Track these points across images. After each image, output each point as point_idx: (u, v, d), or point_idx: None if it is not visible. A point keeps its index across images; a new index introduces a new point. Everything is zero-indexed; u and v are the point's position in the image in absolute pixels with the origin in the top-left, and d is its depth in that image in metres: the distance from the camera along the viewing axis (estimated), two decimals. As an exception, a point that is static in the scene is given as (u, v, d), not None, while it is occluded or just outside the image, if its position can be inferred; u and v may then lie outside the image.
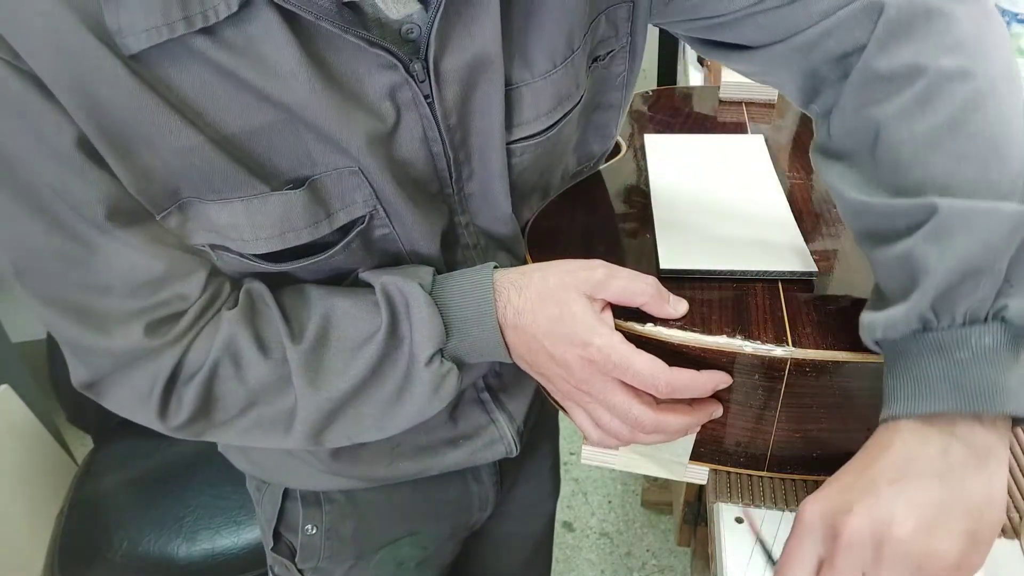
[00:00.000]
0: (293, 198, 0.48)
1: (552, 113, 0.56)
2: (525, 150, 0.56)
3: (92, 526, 1.15)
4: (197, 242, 0.50)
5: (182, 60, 0.43)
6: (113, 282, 0.48)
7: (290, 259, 0.51)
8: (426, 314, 0.51)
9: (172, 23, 0.41)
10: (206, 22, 0.41)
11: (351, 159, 0.48)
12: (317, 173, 0.48)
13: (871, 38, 0.48)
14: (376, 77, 0.47)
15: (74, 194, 0.44)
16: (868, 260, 0.48)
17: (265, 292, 0.53)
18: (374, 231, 0.53)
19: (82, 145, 0.43)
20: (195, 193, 0.47)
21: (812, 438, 0.54)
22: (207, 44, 0.42)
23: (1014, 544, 0.51)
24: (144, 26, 0.41)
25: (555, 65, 0.54)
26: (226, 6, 0.41)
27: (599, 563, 1.67)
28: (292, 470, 0.68)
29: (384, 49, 0.45)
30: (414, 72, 0.48)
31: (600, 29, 0.58)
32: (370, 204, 0.51)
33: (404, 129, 0.50)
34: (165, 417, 0.52)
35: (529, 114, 0.55)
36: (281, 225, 0.49)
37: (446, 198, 0.55)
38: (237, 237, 0.49)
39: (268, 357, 0.52)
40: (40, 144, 0.43)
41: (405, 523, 0.74)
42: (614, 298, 0.52)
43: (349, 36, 0.44)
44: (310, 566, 0.73)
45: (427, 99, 0.49)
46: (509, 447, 0.69)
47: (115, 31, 0.41)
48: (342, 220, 0.51)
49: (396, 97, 0.48)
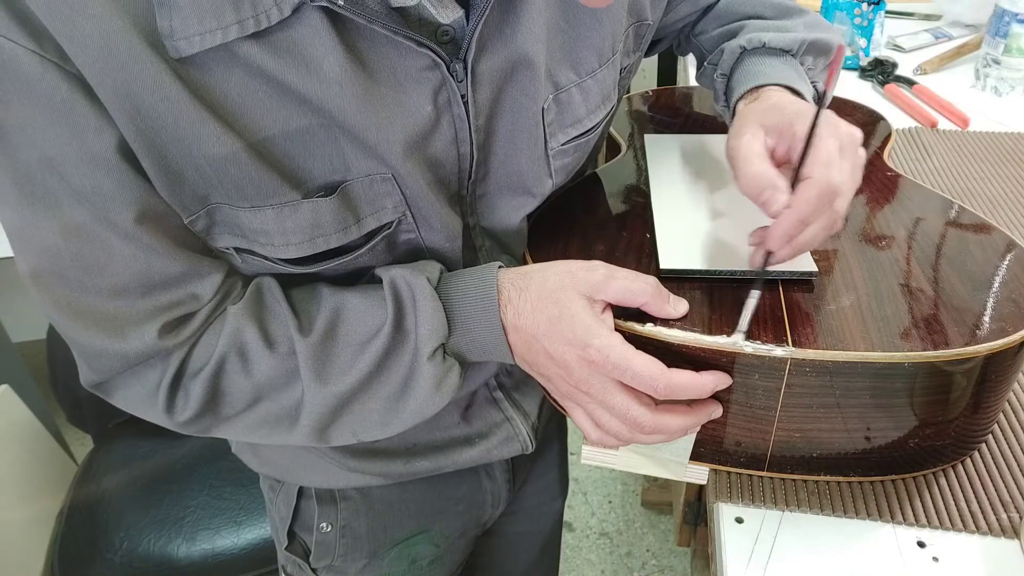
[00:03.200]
0: (323, 205, 0.49)
1: (599, 110, 0.60)
2: (576, 148, 0.59)
3: (92, 526, 1.14)
4: (221, 245, 0.50)
5: (227, 64, 0.43)
6: (129, 283, 0.48)
7: (315, 262, 0.52)
8: (430, 308, 0.52)
9: (226, 28, 0.41)
10: (258, 27, 0.42)
11: (385, 165, 0.49)
12: (350, 179, 0.49)
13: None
14: (419, 79, 0.48)
15: (106, 197, 0.44)
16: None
17: (274, 286, 0.53)
18: (400, 235, 0.54)
19: (121, 149, 0.43)
20: (225, 199, 0.47)
21: (812, 438, 0.54)
22: (254, 48, 0.43)
23: (1014, 544, 0.51)
24: (197, 30, 0.41)
25: (600, 65, 0.58)
26: (278, 11, 0.42)
27: (599, 563, 1.67)
28: (309, 468, 0.69)
29: (430, 50, 0.46)
30: (454, 72, 0.49)
31: (628, 41, 0.62)
32: (399, 210, 0.52)
33: (440, 131, 0.51)
34: (172, 412, 0.53)
35: (581, 111, 0.58)
36: (311, 231, 0.49)
37: (460, 200, 0.56)
38: (267, 242, 0.49)
39: (274, 351, 0.52)
40: (81, 146, 0.43)
41: (419, 520, 0.75)
42: (614, 299, 0.52)
43: (399, 38, 0.45)
44: (324, 564, 0.73)
45: (463, 99, 0.50)
46: (525, 444, 0.70)
47: (167, 34, 0.41)
48: (371, 225, 0.51)
49: (437, 99, 0.49)
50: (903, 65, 1.21)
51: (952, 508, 0.54)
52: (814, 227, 0.52)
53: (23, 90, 0.41)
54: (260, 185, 0.47)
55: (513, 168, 0.57)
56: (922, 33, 1.33)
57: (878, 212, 0.65)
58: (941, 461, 0.56)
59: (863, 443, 0.54)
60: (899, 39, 1.31)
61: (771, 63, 0.65)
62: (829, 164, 0.51)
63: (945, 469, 0.57)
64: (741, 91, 0.64)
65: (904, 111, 1.10)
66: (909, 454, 0.54)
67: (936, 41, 1.32)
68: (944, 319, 0.52)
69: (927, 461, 0.56)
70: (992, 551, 0.51)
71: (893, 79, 1.17)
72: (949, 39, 1.32)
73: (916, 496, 0.55)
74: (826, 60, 0.69)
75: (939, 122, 1.06)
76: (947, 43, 1.31)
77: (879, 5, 1.21)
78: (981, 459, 0.57)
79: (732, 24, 0.72)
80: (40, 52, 0.40)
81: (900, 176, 0.71)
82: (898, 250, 0.60)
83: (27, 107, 0.42)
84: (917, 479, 0.56)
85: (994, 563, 0.51)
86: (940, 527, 0.53)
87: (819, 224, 0.52)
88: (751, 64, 0.66)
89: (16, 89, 0.41)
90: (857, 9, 1.21)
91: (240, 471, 1.19)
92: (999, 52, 1.13)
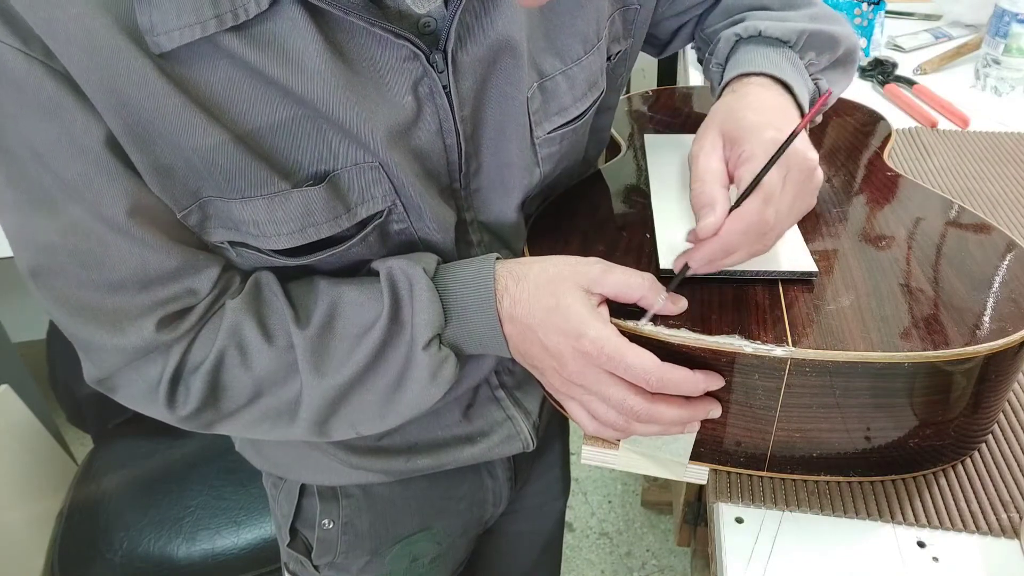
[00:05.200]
0: (313, 194, 0.49)
1: (585, 97, 0.59)
2: (563, 137, 0.59)
3: (92, 526, 1.14)
4: (216, 239, 0.50)
5: (210, 57, 0.44)
6: (126, 279, 0.48)
7: (308, 253, 0.52)
8: (426, 298, 0.52)
9: (204, 21, 0.42)
10: (236, 20, 0.42)
11: (371, 154, 0.49)
12: (338, 168, 0.49)
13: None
14: (399, 70, 0.48)
15: (97, 192, 0.45)
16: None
17: (272, 280, 0.53)
18: (392, 225, 0.54)
19: (110, 144, 0.44)
20: (216, 192, 0.48)
21: (812, 438, 0.54)
22: (235, 41, 0.43)
23: (1014, 544, 0.51)
24: (176, 24, 0.42)
25: (585, 51, 0.57)
26: (256, 4, 0.42)
27: (599, 563, 1.67)
28: (311, 465, 0.69)
29: (409, 41, 0.46)
30: (434, 62, 0.49)
31: (615, 26, 0.62)
32: (389, 199, 0.52)
33: (423, 122, 0.51)
34: (173, 407, 0.53)
35: (567, 99, 0.58)
36: (302, 220, 0.50)
37: (454, 193, 0.56)
38: (259, 233, 0.50)
39: (273, 344, 0.52)
40: (70, 142, 0.43)
41: (421, 518, 0.75)
42: (611, 292, 0.52)
43: (376, 29, 0.45)
44: (326, 561, 0.73)
45: (445, 89, 0.50)
46: (526, 442, 0.70)
47: (147, 29, 0.41)
48: (361, 215, 0.52)
49: (418, 90, 0.49)
50: (903, 65, 1.21)
51: (952, 508, 0.54)
52: (737, 255, 0.53)
53: (11, 88, 0.42)
54: (249, 175, 0.47)
55: (504, 160, 0.56)
56: (922, 33, 1.33)
57: (878, 212, 0.65)
58: (941, 461, 0.56)
59: (863, 443, 0.54)
60: (899, 39, 1.31)
61: (764, 52, 0.62)
62: (768, 199, 0.51)
63: (945, 469, 0.57)
64: (727, 79, 0.63)
65: (904, 111, 1.10)
66: (909, 454, 0.54)
67: (936, 41, 1.32)
68: (944, 319, 0.52)
69: (927, 461, 0.56)
70: (992, 551, 0.51)
71: (893, 79, 1.17)
72: (949, 39, 1.32)
73: (916, 496, 0.55)
74: (831, 55, 0.66)
75: (939, 122, 1.06)
76: (947, 43, 1.31)
77: (879, 5, 1.21)
78: (981, 459, 0.57)
79: (736, 16, 0.70)
80: (26, 51, 0.41)
81: (900, 176, 0.71)
82: (898, 250, 0.60)
83: (15, 105, 0.42)
84: (917, 479, 0.56)
85: (994, 563, 0.51)
86: (940, 527, 0.53)
87: (743, 253, 0.53)
88: (744, 53, 0.64)
89: (4, 88, 0.42)
90: (857, 9, 1.21)
91: (240, 470, 1.19)
92: (999, 52, 1.13)
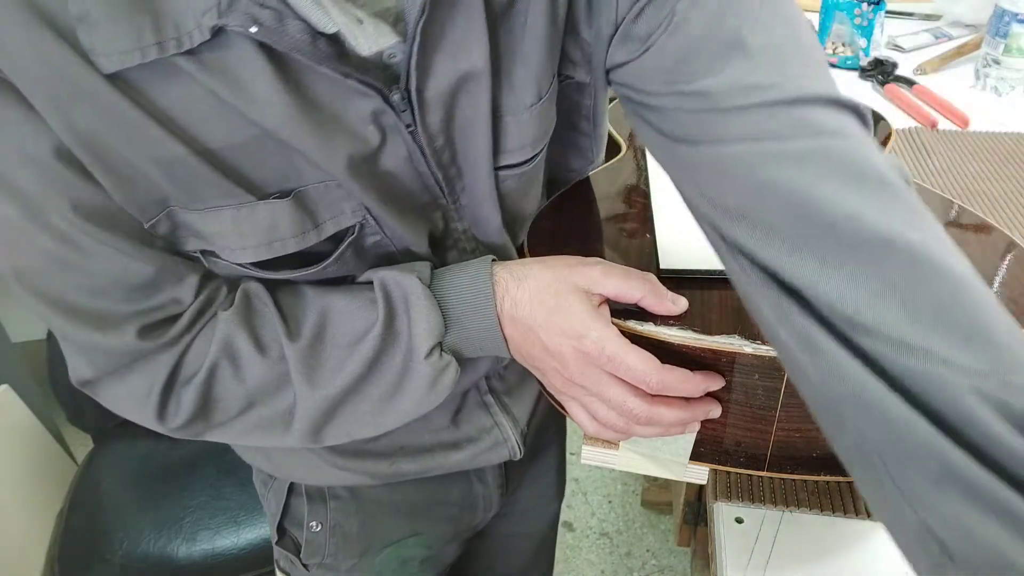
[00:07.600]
0: (279, 208, 0.48)
1: (536, 144, 0.55)
2: (509, 177, 0.56)
3: (92, 526, 1.15)
4: (188, 249, 0.50)
5: (165, 77, 0.42)
6: (107, 285, 0.48)
7: (282, 268, 0.51)
8: (425, 307, 0.51)
9: (144, 48, 0.40)
10: (179, 48, 0.41)
11: (334, 177, 0.48)
12: (304, 184, 0.48)
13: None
14: (356, 104, 0.46)
15: (55, 201, 0.44)
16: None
17: (262, 291, 0.53)
18: (366, 239, 0.53)
19: (60, 154, 0.43)
20: (180, 202, 0.47)
21: (812, 438, 0.54)
22: (189, 64, 0.42)
23: (1014, 544, 0.51)
24: (116, 49, 0.40)
25: (540, 97, 0.53)
26: (200, 33, 0.40)
27: (599, 563, 1.67)
28: (298, 464, 0.69)
29: (360, 81, 0.44)
30: (393, 102, 0.46)
31: (568, 49, 0.55)
32: (359, 214, 0.50)
33: (389, 149, 0.49)
34: (164, 418, 0.52)
35: (514, 144, 0.54)
36: (268, 234, 0.48)
37: (441, 207, 0.55)
38: (224, 245, 0.49)
39: (266, 356, 0.52)
40: (20, 152, 0.43)
41: (409, 523, 0.74)
42: (611, 293, 0.52)
43: (323, 68, 0.43)
44: (315, 561, 0.73)
45: (408, 128, 0.48)
46: (513, 450, 0.69)
47: (89, 50, 0.40)
48: (330, 230, 0.50)
49: (380, 121, 0.47)
50: (903, 65, 1.21)
51: (952, 508, 0.54)
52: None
53: None
54: (212, 187, 0.46)
55: (483, 188, 0.55)
56: (922, 33, 1.33)
57: (878, 212, 0.65)
58: (941, 461, 0.56)
59: (863, 443, 0.54)
60: (899, 39, 1.31)
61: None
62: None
63: (945, 469, 0.57)
64: None
65: (904, 111, 1.10)
66: (909, 454, 0.54)
67: (936, 41, 1.32)
68: (944, 319, 0.52)
69: (927, 461, 0.56)
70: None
71: (893, 79, 1.17)
72: (949, 39, 1.32)
73: (916, 496, 0.55)
74: None
75: (939, 122, 1.06)
76: (947, 43, 1.31)
77: (879, 5, 1.21)
78: (981, 459, 0.57)
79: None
80: None
81: (900, 176, 0.71)
82: (898, 250, 0.60)
83: None
84: (917, 479, 0.56)
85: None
86: (940, 527, 0.53)
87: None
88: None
89: None
90: (857, 9, 1.21)
91: (240, 470, 1.19)
92: (999, 52, 1.13)
